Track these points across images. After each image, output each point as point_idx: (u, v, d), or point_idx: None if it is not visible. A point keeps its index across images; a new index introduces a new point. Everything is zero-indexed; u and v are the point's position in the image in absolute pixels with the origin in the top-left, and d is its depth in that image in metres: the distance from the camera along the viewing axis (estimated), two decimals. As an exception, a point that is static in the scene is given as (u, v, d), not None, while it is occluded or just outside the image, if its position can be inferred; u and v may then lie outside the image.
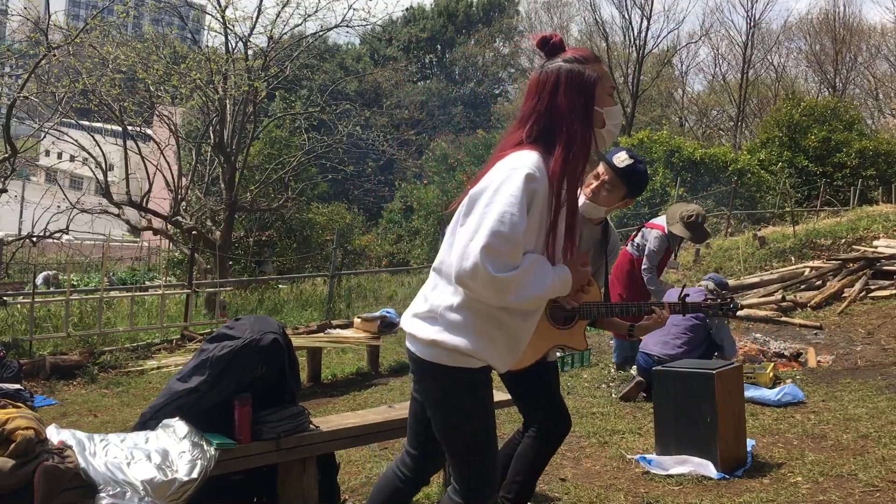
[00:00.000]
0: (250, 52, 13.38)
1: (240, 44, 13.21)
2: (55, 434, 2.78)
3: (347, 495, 3.58)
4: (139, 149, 13.16)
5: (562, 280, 2.08)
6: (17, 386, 4.54)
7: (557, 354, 3.17)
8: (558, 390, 3.00)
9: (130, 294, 9.80)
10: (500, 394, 3.15)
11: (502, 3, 41.88)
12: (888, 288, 8.79)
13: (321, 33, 15.23)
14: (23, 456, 2.54)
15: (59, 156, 20.42)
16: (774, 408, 5.05)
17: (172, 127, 13.62)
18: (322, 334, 7.62)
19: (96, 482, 2.60)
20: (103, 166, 12.45)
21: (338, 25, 13.86)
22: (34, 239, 11.76)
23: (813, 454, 4.05)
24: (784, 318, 8.27)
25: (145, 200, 12.84)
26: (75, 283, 12.48)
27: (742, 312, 8.29)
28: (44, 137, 15.91)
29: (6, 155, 10.50)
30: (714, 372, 3.88)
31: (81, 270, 15.97)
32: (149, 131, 15.69)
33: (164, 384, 3.37)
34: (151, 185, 13.43)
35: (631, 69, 33.74)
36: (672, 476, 3.77)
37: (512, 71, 42.01)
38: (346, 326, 8.10)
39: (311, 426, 3.16)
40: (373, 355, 7.38)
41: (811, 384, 5.76)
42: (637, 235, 6.33)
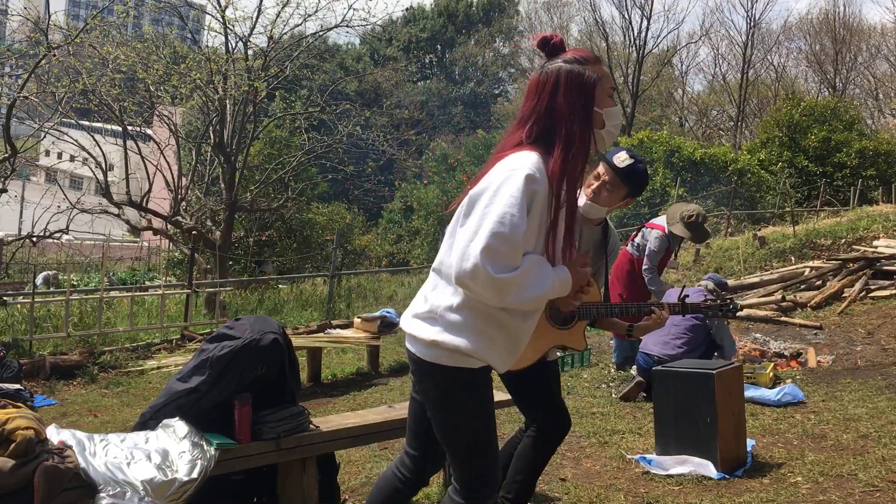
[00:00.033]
0: (250, 52, 13.39)
1: (240, 44, 13.23)
2: (55, 434, 2.78)
3: (347, 495, 3.58)
4: (139, 149, 13.16)
5: (561, 281, 2.08)
6: (17, 386, 4.54)
7: (558, 354, 3.17)
8: (558, 390, 3.00)
9: (130, 294, 9.80)
10: (500, 394, 3.15)
11: (502, 3, 41.88)
12: (888, 288, 8.79)
13: (321, 33, 15.24)
14: (23, 456, 2.54)
15: (59, 156, 20.43)
16: (774, 408, 5.05)
17: (172, 127, 13.61)
18: (322, 334, 7.62)
19: (96, 482, 2.60)
20: (103, 166, 12.45)
21: (338, 25, 13.87)
22: (34, 239, 11.76)
23: (813, 454, 4.05)
24: (784, 318, 8.27)
25: (145, 200, 12.84)
26: (75, 283, 12.48)
27: (742, 312, 8.29)
28: (44, 137, 15.91)
29: (6, 155, 10.50)
30: (714, 372, 3.88)
31: (81, 270, 15.97)
32: (149, 131, 15.69)
33: (164, 384, 3.37)
34: (151, 185, 13.43)
35: (631, 69, 33.73)
36: (672, 476, 3.77)
37: (512, 71, 42.02)
38: (346, 326, 8.10)
39: (311, 426, 3.16)
40: (373, 355, 7.38)
41: (811, 384, 5.76)
42: (637, 235, 6.33)
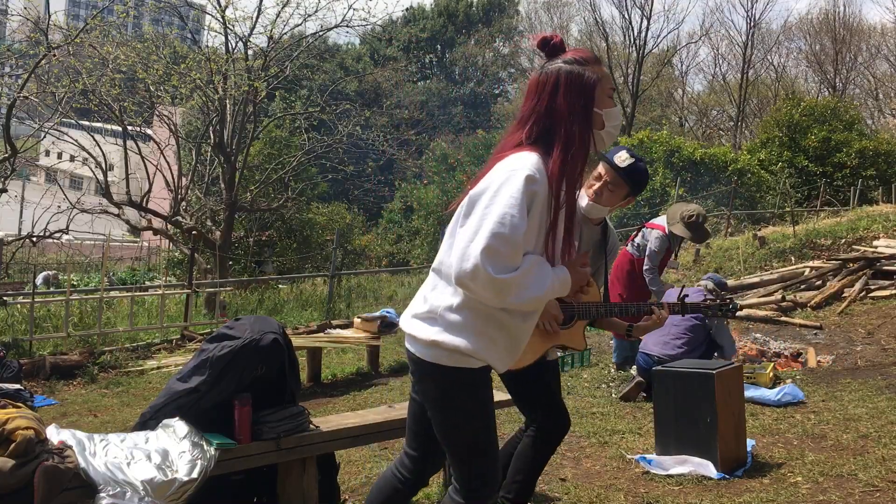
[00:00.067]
0: (250, 52, 13.39)
1: (240, 44, 13.23)
2: (55, 434, 2.78)
3: (347, 495, 3.58)
4: (139, 149, 13.16)
5: (561, 281, 2.08)
6: (17, 386, 4.54)
7: (558, 354, 3.17)
8: (558, 390, 3.01)
9: (130, 294, 9.80)
10: (500, 394, 3.15)
11: (502, 3, 41.89)
12: (888, 288, 8.79)
13: (321, 33, 15.24)
14: (23, 456, 2.54)
15: (59, 156, 20.43)
16: (774, 408, 5.05)
17: (172, 127, 13.62)
18: (322, 334, 7.62)
19: (96, 482, 2.60)
20: (103, 166, 12.45)
21: (338, 25, 13.87)
22: (34, 239, 11.77)
23: (813, 454, 4.05)
24: (784, 318, 8.27)
25: (145, 200, 12.84)
26: (75, 283, 12.48)
27: (742, 312, 8.29)
28: (44, 137, 15.91)
29: (6, 155, 10.50)
30: (714, 372, 3.88)
31: (81, 270, 15.97)
32: (149, 131, 15.69)
33: (164, 384, 3.37)
34: (151, 185, 13.43)
35: (631, 69, 33.72)
36: (672, 476, 3.77)
37: (512, 71, 42.03)
38: (346, 326, 8.10)
39: (311, 426, 3.16)
40: (373, 355, 7.38)
41: (811, 384, 5.76)
42: (637, 235, 6.33)
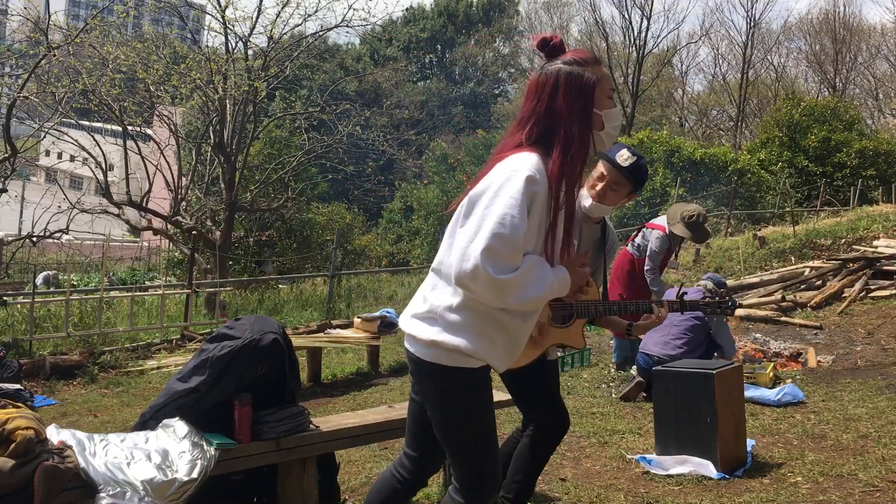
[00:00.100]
0: (250, 52, 13.39)
1: (240, 44, 13.23)
2: (55, 434, 2.77)
3: (347, 495, 3.58)
4: (139, 149, 13.17)
5: (560, 281, 2.08)
6: (17, 386, 4.54)
7: (558, 354, 3.17)
8: (557, 390, 3.01)
9: (130, 294, 9.80)
10: (500, 394, 3.15)
11: (502, 3, 41.91)
12: (888, 288, 8.79)
13: (321, 33, 15.23)
14: (23, 456, 2.54)
15: (59, 156, 20.45)
16: (774, 408, 5.05)
17: (172, 127, 13.62)
18: (322, 334, 7.62)
19: (96, 482, 2.60)
20: (103, 166, 12.46)
21: (338, 25, 13.87)
22: (34, 239, 11.78)
23: (813, 454, 4.05)
24: (784, 318, 8.27)
25: (145, 200, 12.84)
26: (75, 283, 12.48)
27: (742, 312, 8.30)
28: (44, 137, 15.92)
29: (6, 155, 10.50)
30: (714, 372, 3.88)
31: (81, 270, 15.97)
32: (149, 131, 15.69)
33: (164, 384, 3.37)
34: (151, 185, 13.44)
35: (631, 69, 33.72)
36: (672, 476, 3.77)
37: (512, 71, 42.05)
38: (346, 326, 8.09)
39: (311, 426, 3.16)
40: (373, 355, 7.38)
41: (811, 384, 5.76)
42: (637, 236, 6.32)
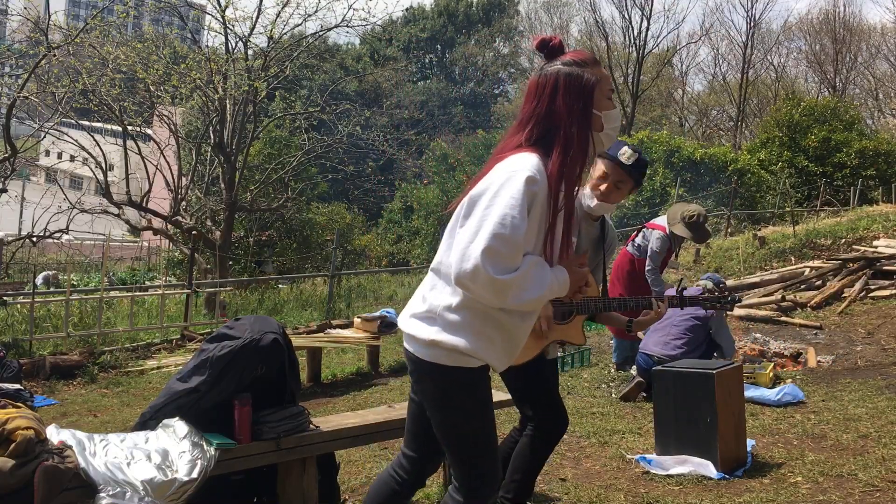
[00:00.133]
0: (250, 52, 13.39)
1: (240, 44, 13.23)
2: (55, 434, 2.77)
3: (347, 495, 3.58)
4: (139, 149, 13.17)
5: (560, 282, 2.08)
6: (17, 386, 4.55)
7: (558, 353, 3.17)
8: (557, 389, 3.01)
9: (130, 294, 9.80)
10: (500, 394, 3.15)
11: (502, 3, 41.93)
12: (888, 288, 8.80)
13: (321, 33, 15.23)
14: (23, 456, 2.54)
15: (59, 156, 20.45)
16: (774, 408, 5.05)
17: (172, 127, 13.62)
18: (322, 334, 7.62)
19: (96, 482, 2.60)
20: (103, 166, 12.46)
21: (338, 25, 13.88)
22: (34, 239, 11.78)
23: (813, 454, 4.05)
24: (784, 318, 8.27)
25: (145, 200, 12.84)
26: (75, 283, 12.48)
27: (742, 312, 8.30)
28: (44, 137, 15.93)
29: (6, 155, 10.50)
30: (714, 372, 3.88)
31: (81, 270, 15.97)
32: (149, 131, 15.69)
33: (164, 384, 3.37)
34: (151, 185, 13.44)
35: (631, 69, 33.69)
36: (672, 476, 3.77)
37: (512, 71, 42.07)
38: (346, 326, 8.09)
39: (311, 426, 3.16)
40: (373, 355, 7.38)
41: (811, 384, 5.76)
42: (637, 236, 6.32)
